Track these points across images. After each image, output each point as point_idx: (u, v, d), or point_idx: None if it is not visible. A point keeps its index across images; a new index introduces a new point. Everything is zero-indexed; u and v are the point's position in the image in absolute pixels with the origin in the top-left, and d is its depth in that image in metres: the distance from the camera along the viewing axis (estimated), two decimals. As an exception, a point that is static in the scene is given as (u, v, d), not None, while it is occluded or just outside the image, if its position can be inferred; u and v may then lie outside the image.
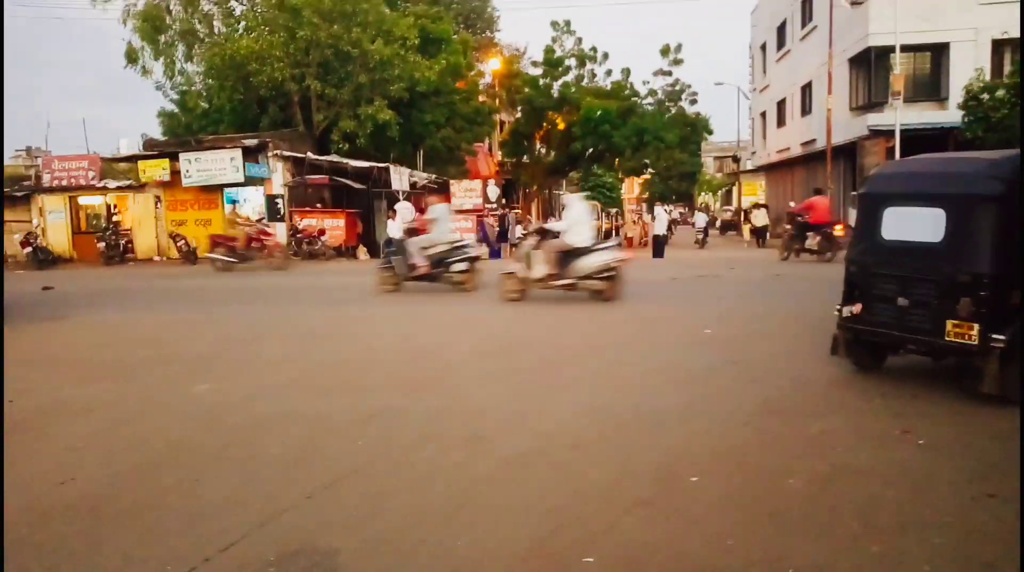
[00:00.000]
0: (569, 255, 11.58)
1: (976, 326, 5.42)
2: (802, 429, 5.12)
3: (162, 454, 4.91)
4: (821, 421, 5.29)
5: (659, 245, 25.86)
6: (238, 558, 3.46)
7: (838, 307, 6.50)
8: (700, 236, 31.79)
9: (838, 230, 19.30)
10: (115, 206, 25.37)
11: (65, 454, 4.96)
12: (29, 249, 22.85)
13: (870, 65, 24.82)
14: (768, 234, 29.44)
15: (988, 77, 22.18)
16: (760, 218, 29.77)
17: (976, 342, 5.42)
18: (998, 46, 23.40)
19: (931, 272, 5.77)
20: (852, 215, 25.94)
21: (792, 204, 25.00)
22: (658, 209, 31.00)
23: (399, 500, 4.06)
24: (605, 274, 11.59)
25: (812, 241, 19.76)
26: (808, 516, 3.76)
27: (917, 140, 21.64)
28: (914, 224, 5.93)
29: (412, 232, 13.54)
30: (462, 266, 13.26)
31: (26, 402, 6.23)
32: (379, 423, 5.49)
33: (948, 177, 5.92)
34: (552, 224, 13.11)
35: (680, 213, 63.23)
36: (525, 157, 39.09)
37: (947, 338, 5.62)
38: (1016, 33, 20.65)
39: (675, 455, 4.67)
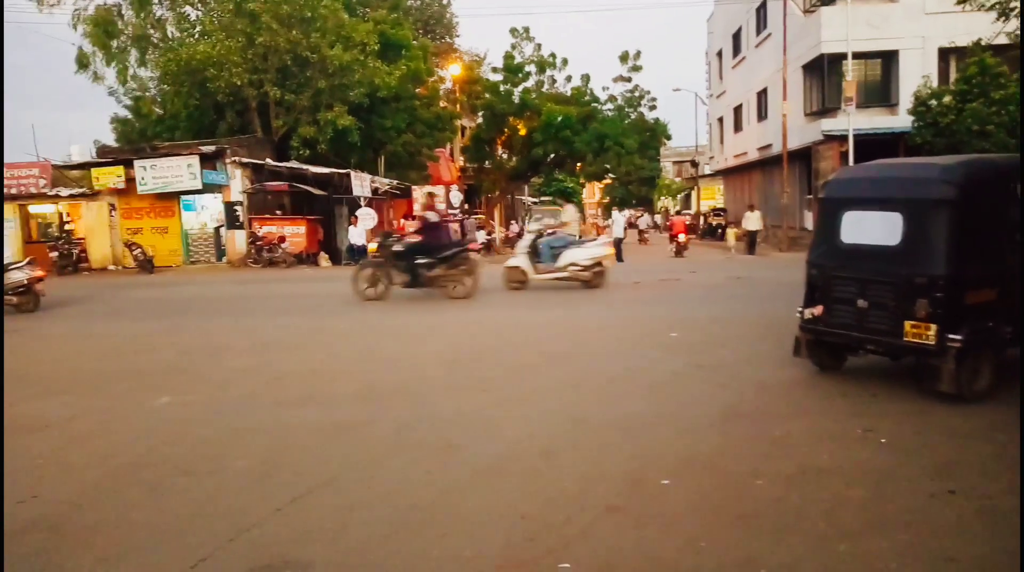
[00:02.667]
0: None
1: (933, 326, 5.58)
2: (767, 431, 5.21)
3: (125, 469, 4.81)
4: (785, 423, 5.39)
5: (618, 249, 26.09)
6: (208, 574, 3.40)
7: (799, 309, 6.64)
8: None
9: None
10: (67, 215, 24.72)
11: (23, 472, 4.81)
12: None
13: (823, 72, 25.40)
14: (758, 240, 26.73)
15: (935, 84, 22.85)
16: (753, 221, 26.62)
17: (933, 342, 5.58)
18: (944, 54, 24.13)
19: (889, 274, 5.93)
20: (808, 218, 26.53)
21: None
22: (615, 214, 31.26)
23: (371, 511, 4.03)
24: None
25: None
26: (776, 517, 3.82)
27: (869, 145, 22.22)
28: (872, 228, 6.09)
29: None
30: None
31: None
32: (347, 434, 5.44)
33: (904, 182, 6.10)
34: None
35: (678, 213, 63.72)
36: (487, 163, 39.13)
37: (905, 338, 5.78)
38: (961, 42, 21.32)
39: (644, 460, 4.71)
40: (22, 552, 3.67)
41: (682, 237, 27.15)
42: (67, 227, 24.34)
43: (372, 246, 24.68)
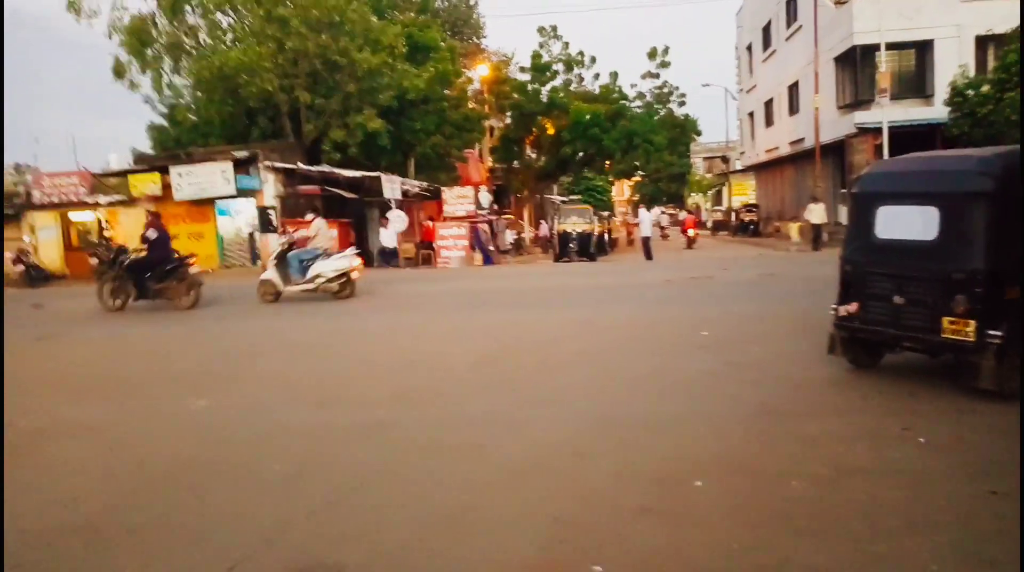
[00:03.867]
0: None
1: (972, 322, 5.46)
2: (802, 430, 5.15)
3: (163, 472, 4.90)
4: (820, 422, 5.32)
5: (647, 247, 25.96)
6: (245, 576, 3.45)
7: (834, 306, 6.54)
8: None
9: None
10: (106, 221, 25.25)
11: (66, 475, 4.94)
12: (21, 267, 22.71)
13: (855, 63, 25.00)
14: (825, 234, 24.49)
15: (972, 73, 22.36)
16: (817, 214, 24.58)
17: (972, 338, 5.46)
18: (981, 42, 23.60)
19: (926, 270, 5.81)
20: (842, 213, 26.10)
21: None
22: (642, 212, 30.99)
23: (403, 513, 4.06)
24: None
25: None
26: (812, 518, 3.77)
27: (904, 137, 21.80)
28: (907, 222, 5.97)
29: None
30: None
31: (24, 423, 6.19)
32: (378, 436, 5.48)
33: (939, 175, 5.97)
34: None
35: (669, 214, 63.39)
36: (516, 162, 39.16)
37: (943, 335, 5.66)
38: (999, 30, 20.81)
39: (677, 460, 4.68)
40: (63, 554, 3.76)
41: (691, 232, 32.82)
42: (106, 234, 24.85)
43: (406, 247, 24.97)
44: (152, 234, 13.88)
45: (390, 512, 4.08)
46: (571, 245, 25.03)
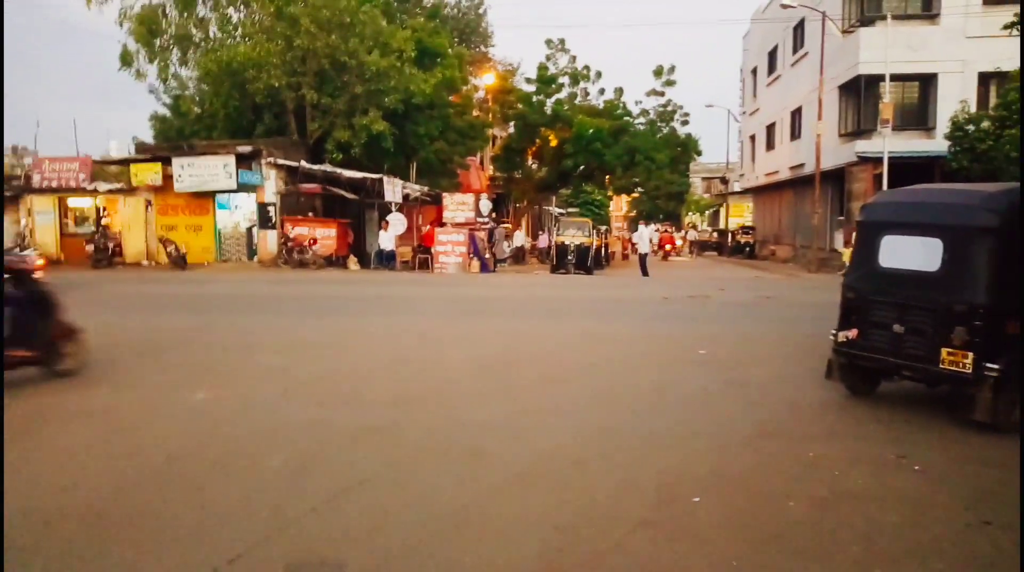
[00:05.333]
0: None
1: (971, 354, 5.53)
2: (800, 452, 5.19)
3: (164, 462, 4.90)
4: (818, 445, 5.36)
5: (643, 263, 26.04)
6: (247, 569, 3.46)
7: (833, 331, 6.60)
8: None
9: None
10: (105, 209, 25.18)
11: (66, 460, 4.94)
12: (16, 250, 22.60)
13: (859, 93, 25.21)
14: None
15: (973, 108, 22.58)
16: None
17: (970, 370, 5.53)
18: (984, 78, 23.86)
19: (927, 300, 5.89)
20: (838, 239, 26.29)
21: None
22: (641, 228, 31.02)
23: (404, 514, 4.08)
24: None
25: None
26: (810, 539, 3.81)
27: (904, 167, 22.00)
28: (911, 253, 6.05)
29: None
30: None
31: (24, 406, 6.19)
32: (377, 436, 5.50)
33: (946, 208, 6.05)
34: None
35: (666, 231, 63.59)
36: (517, 172, 39.25)
37: (941, 365, 5.73)
38: (1004, 67, 21.05)
39: (676, 474, 4.72)
40: (64, 537, 3.77)
41: (668, 246, 39.37)
42: (104, 221, 24.79)
43: (403, 250, 24.99)
44: None
45: (391, 512, 4.10)
46: (569, 257, 25.10)
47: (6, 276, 6.89)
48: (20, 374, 6.84)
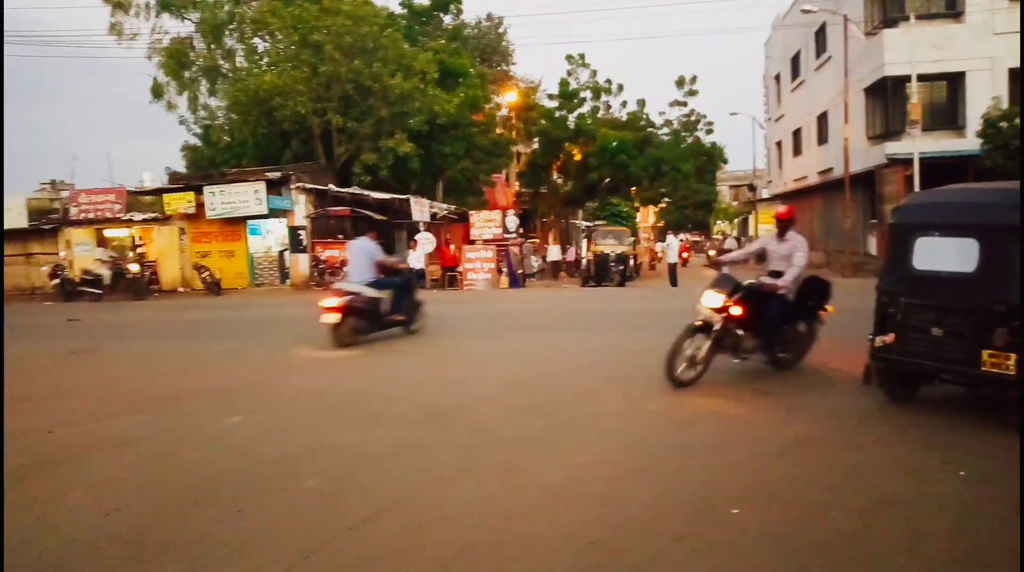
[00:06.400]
0: None
1: (1013, 356, 5.39)
2: (839, 461, 5.09)
3: (200, 487, 4.95)
4: (858, 453, 5.26)
5: (673, 274, 25.86)
6: (285, 591, 3.48)
7: (870, 337, 6.48)
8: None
9: None
10: (140, 238, 25.73)
11: (106, 486, 5.01)
12: (57, 281, 23.17)
13: (886, 94, 24.91)
14: None
15: (1006, 105, 22.17)
16: None
17: (1013, 372, 5.39)
18: (1015, 74, 23.42)
19: (965, 302, 5.76)
20: (871, 243, 25.89)
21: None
22: (670, 238, 30.88)
23: (439, 534, 4.07)
24: None
25: None
26: (853, 549, 3.73)
27: (935, 168, 21.63)
28: (946, 254, 5.93)
29: None
30: None
31: (64, 433, 6.31)
32: (412, 455, 5.51)
33: (980, 207, 5.94)
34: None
35: (694, 241, 63.30)
36: (542, 187, 39.37)
37: (983, 368, 5.59)
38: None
39: (713, 487, 4.65)
40: (106, 564, 3.82)
41: (685, 254, 37.31)
42: (139, 250, 25.32)
43: (432, 269, 25.12)
44: None
45: (427, 532, 4.09)
46: (611, 265, 24.91)
47: (390, 271, 11.25)
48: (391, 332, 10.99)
